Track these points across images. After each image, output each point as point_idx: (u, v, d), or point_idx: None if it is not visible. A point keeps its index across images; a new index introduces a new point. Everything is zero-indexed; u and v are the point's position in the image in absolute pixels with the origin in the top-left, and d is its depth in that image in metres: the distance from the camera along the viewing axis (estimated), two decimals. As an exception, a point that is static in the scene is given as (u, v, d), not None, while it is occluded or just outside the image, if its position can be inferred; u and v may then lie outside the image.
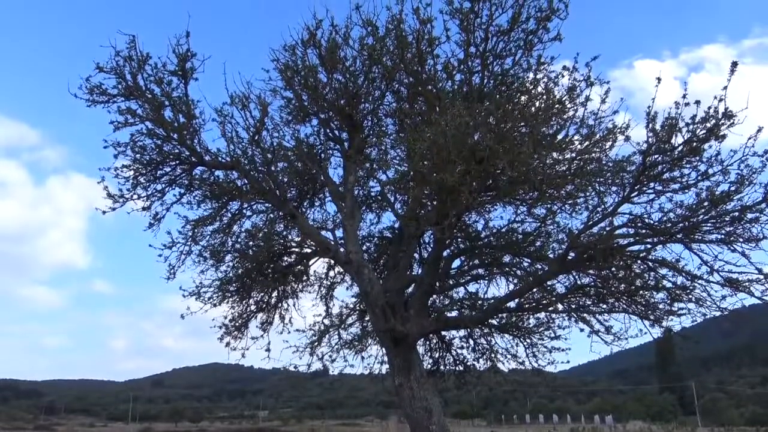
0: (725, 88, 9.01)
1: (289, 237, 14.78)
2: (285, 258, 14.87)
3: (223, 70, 12.80)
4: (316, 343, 14.64)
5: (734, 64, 8.89)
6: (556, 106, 10.54)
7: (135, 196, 13.18)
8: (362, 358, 15.24)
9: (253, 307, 15.08)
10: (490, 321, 13.51)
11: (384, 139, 14.00)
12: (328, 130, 14.31)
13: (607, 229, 10.64)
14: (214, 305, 14.19)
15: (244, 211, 14.63)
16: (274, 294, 15.30)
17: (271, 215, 14.78)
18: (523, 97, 11.51)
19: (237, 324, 14.75)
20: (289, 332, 15.02)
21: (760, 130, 9.09)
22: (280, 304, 15.41)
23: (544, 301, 12.43)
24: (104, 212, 12.80)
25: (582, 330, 12.24)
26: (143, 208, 13.35)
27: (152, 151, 13.08)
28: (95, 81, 12.24)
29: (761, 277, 9.86)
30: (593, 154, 10.53)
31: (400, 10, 12.18)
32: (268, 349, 14.62)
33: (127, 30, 12.07)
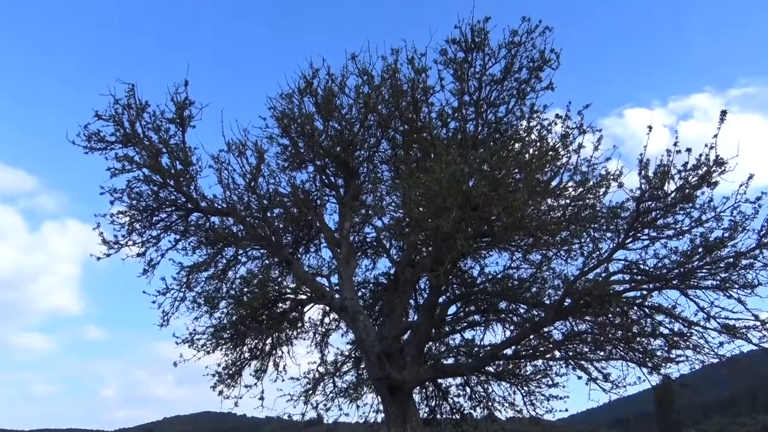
0: (715, 136, 9.16)
1: (284, 283, 14.68)
2: (280, 304, 14.71)
3: (220, 117, 13.04)
4: (310, 392, 14.41)
5: (723, 113, 9.04)
6: (550, 153, 10.65)
7: (130, 243, 13.19)
8: (357, 406, 14.96)
9: (246, 355, 14.84)
10: (486, 368, 13.33)
11: (379, 186, 14.07)
12: (324, 177, 14.39)
13: (603, 275, 10.62)
14: (208, 352, 13.96)
15: (240, 257, 14.55)
16: (269, 341, 15.08)
17: (267, 261, 14.71)
18: (516, 145, 11.62)
19: (230, 372, 14.48)
20: (283, 380, 14.79)
21: (751, 177, 9.21)
22: (274, 352, 15.17)
23: (541, 348, 12.32)
24: (99, 258, 12.76)
25: (580, 377, 12.22)
26: (138, 255, 13.33)
27: (148, 198, 13.13)
28: (93, 128, 12.39)
29: (758, 323, 9.81)
30: (587, 201, 10.60)
31: (395, 60, 12.48)
32: (261, 398, 14.35)
33: (127, 78, 12.26)
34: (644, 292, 10.68)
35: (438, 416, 15.21)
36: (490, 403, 14.58)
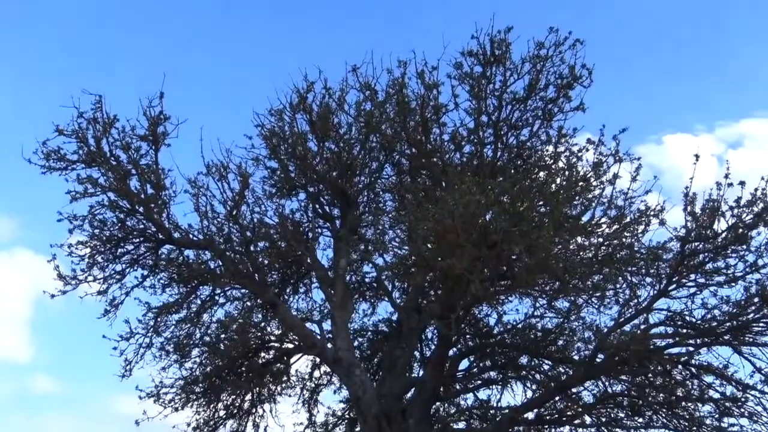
0: (774, 167, 9.11)
1: (268, 329, 14.56)
2: (262, 354, 14.60)
3: (199, 135, 13.01)
4: (295, 459, 14.20)
5: (782, 141, 9.01)
6: (580, 183, 10.65)
7: (90, 278, 13.10)
8: (351, 477, 14.71)
9: (222, 413, 14.67)
10: (504, 435, 13.12)
11: (382, 218, 14.05)
12: (317, 206, 14.38)
13: (642, 327, 10.51)
14: (176, 409, 13.82)
15: (217, 297, 14.45)
16: (248, 397, 14.91)
17: (248, 303, 14.63)
18: (542, 173, 11.65)
19: (202, 433, 14.30)
20: (264, 444, 14.57)
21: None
22: (254, 410, 15.00)
23: (569, 413, 12.17)
24: (53, 296, 12.69)
25: (614, 448, 11.96)
26: (99, 292, 13.21)
27: (113, 226, 13.07)
28: (53, 145, 12.37)
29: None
30: (624, 240, 10.53)
31: (402, 73, 12.55)
32: (238, 465, 14.17)
33: (93, 89, 12.30)
34: (691, 349, 10.57)
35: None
36: (507, 477, 14.31)
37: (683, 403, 11.12)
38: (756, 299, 9.69)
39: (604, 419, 12.05)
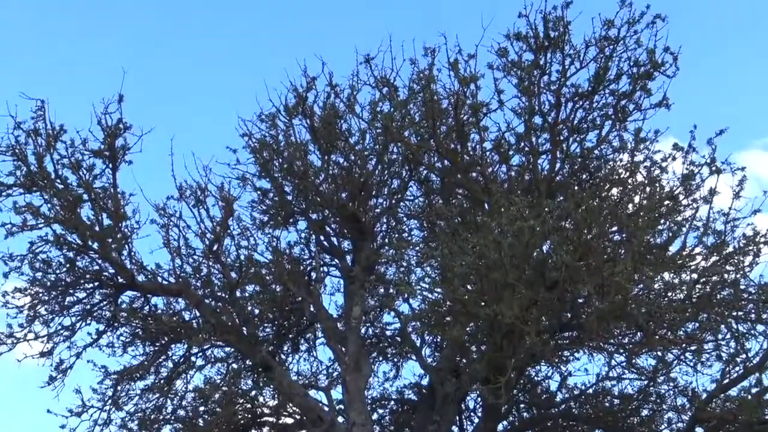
0: None
1: (261, 399, 14.58)
2: (254, 431, 14.57)
3: (169, 148, 13.07)
4: None
5: None
6: (666, 202, 10.57)
7: (30, 336, 13.19)
8: None
9: None
10: None
11: (406, 252, 13.98)
12: (322, 238, 14.41)
13: (753, 390, 10.35)
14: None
15: (194, 358, 14.55)
16: (236, 488, 14.84)
17: (234, 366, 14.64)
18: (615, 190, 11.56)
19: None
20: None
21: None
22: (244, 506, 14.92)
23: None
24: (-17, 359, 12.75)
25: None
26: (42, 354, 13.28)
27: (60, 268, 13.16)
28: (-17, 165, 12.49)
29: None
30: (726, 276, 10.40)
31: (430, 63, 12.53)
32: None
33: (33, 92, 12.41)
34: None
35: None
36: None
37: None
38: None
39: None
